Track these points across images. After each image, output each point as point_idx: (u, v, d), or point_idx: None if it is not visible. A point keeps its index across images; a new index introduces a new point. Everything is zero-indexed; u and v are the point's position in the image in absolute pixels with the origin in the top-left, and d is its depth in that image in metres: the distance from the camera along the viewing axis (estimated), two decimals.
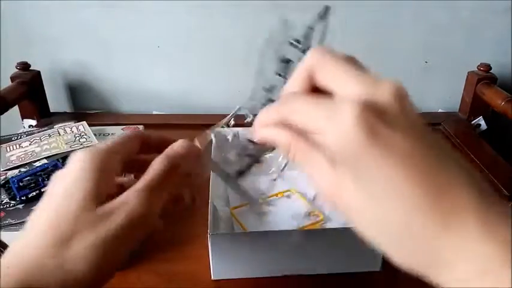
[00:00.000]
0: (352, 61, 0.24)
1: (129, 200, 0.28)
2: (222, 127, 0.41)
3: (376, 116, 0.21)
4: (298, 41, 0.31)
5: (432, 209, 0.20)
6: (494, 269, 0.19)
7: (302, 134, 0.24)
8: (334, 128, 0.22)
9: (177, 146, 0.32)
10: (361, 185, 0.22)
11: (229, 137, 0.50)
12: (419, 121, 0.22)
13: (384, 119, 0.21)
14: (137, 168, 0.32)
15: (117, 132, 0.64)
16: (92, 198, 0.27)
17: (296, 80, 0.25)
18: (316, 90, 0.25)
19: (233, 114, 0.40)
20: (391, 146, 0.21)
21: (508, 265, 0.19)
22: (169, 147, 0.32)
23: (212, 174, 0.49)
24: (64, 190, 0.28)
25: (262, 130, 0.26)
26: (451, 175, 0.21)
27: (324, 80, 0.24)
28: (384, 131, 0.21)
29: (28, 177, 0.50)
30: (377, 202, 0.21)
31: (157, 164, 0.30)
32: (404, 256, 0.22)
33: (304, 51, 0.31)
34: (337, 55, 0.24)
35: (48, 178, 0.50)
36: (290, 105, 0.25)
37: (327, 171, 0.23)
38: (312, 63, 0.24)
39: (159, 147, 0.32)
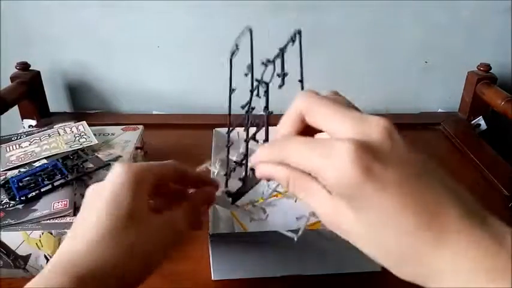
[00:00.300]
0: (338, 100, 0.27)
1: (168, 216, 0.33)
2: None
3: (369, 154, 0.23)
4: (270, 61, 0.32)
5: (423, 233, 0.23)
6: (481, 283, 0.22)
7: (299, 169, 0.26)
8: (330, 165, 0.24)
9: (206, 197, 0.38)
10: (359, 215, 0.24)
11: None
12: (408, 152, 0.24)
13: (376, 156, 0.23)
14: (169, 196, 0.37)
15: (117, 132, 0.64)
16: (134, 203, 0.31)
17: (287, 122, 0.28)
18: (307, 128, 0.27)
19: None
20: (384, 180, 0.23)
21: (491, 278, 0.21)
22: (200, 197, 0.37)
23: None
24: (109, 194, 0.31)
25: (261, 168, 0.29)
26: (439, 200, 0.23)
27: (315, 122, 0.26)
28: (377, 168, 0.23)
29: (28, 178, 0.50)
30: (374, 229, 0.24)
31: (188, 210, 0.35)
32: (400, 270, 0.25)
33: (279, 75, 0.32)
34: (323, 98, 0.27)
35: (47, 178, 0.49)
36: (285, 148, 0.27)
37: (325, 200, 0.26)
38: (301, 108, 0.27)
39: (195, 183, 0.37)
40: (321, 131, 0.27)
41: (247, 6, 0.79)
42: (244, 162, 0.36)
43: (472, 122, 0.83)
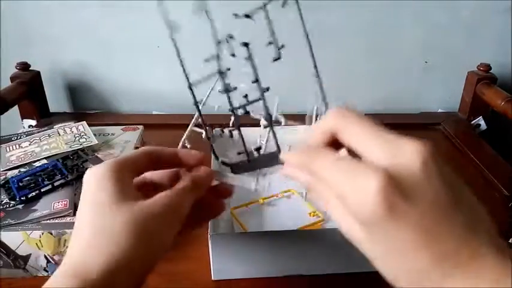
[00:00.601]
0: (373, 122, 0.26)
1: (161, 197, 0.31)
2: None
3: (396, 190, 0.23)
4: (247, 16, 0.30)
5: (434, 270, 0.23)
6: None
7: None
8: (355, 193, 0.24)
9: (203, 177, 0.35)
10: (375, 244, 0.25)
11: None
12: (438, 185, 0.23)
13: (403, 192, 0.23)
14: (148, 187, 0.35)
15: (116, 132, 0.64)
16: (115, 189, 0.30)
17: (318, 135, 0.28)
18: (335, 142, 0.27)
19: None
20: (406, 218, 0.23)
21: None
22: (198, 174, 0.35)
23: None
24: (90, 195, 0.30)
25: (287, 170, 0.30)
26: (457, 241, 0.23)
27: (347, 141, 0.26)
28: (401, 205, 0.23)
29: (28, 178, 0.50)
30: (387, 258, 0.25)
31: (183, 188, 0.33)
32: None
33: (271, 43, 0.31)
34: (357, 117, 0.26)
35: (47, 178, 0.49)
36: (314, 161, 0.27)
37: (343, 217, 0.26)
38: (333, 125, 0.27)
39: (171, 161, 0.36)
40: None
41: (247, 6, 0.78)
42: (233, 130, 0.35)
43: (472, 122, 0.83)
